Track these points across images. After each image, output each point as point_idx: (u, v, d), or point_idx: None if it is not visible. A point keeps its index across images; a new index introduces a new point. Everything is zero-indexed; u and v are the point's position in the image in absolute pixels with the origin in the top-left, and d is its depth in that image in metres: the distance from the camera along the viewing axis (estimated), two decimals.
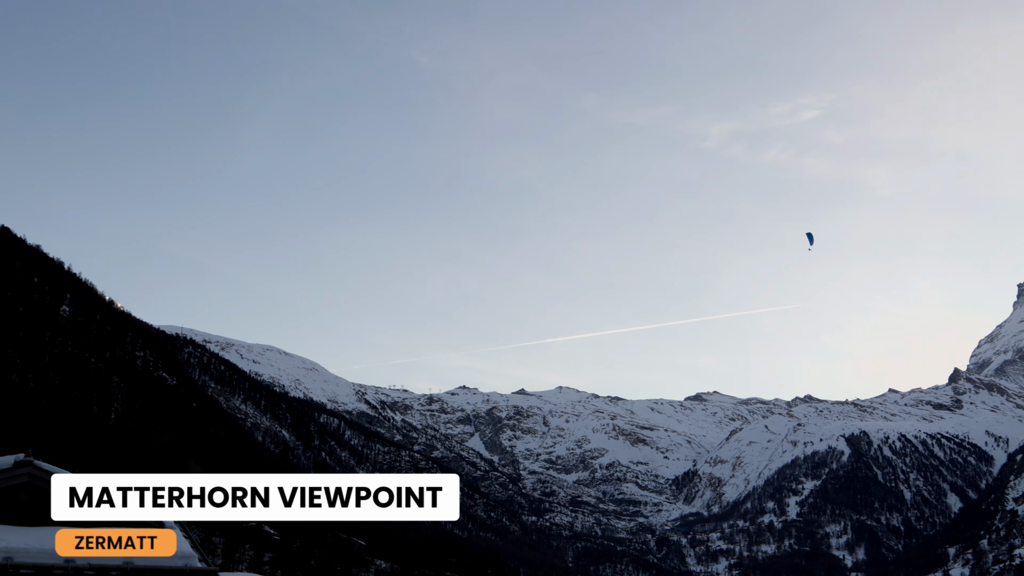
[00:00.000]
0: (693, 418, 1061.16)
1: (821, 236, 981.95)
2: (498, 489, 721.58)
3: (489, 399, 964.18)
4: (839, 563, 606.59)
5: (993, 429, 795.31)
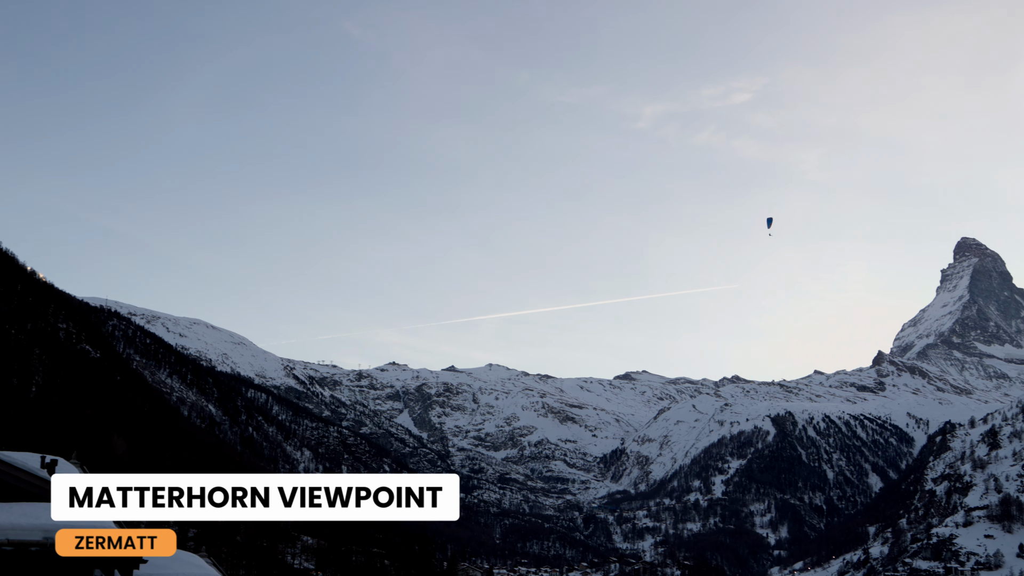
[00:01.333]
0: (622, 397, 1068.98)
1: (751, 219, 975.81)
2: (427, 466, 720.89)
3: (419, 376, 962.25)
4: (763, 541, 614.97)
5: (914, 411, 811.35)
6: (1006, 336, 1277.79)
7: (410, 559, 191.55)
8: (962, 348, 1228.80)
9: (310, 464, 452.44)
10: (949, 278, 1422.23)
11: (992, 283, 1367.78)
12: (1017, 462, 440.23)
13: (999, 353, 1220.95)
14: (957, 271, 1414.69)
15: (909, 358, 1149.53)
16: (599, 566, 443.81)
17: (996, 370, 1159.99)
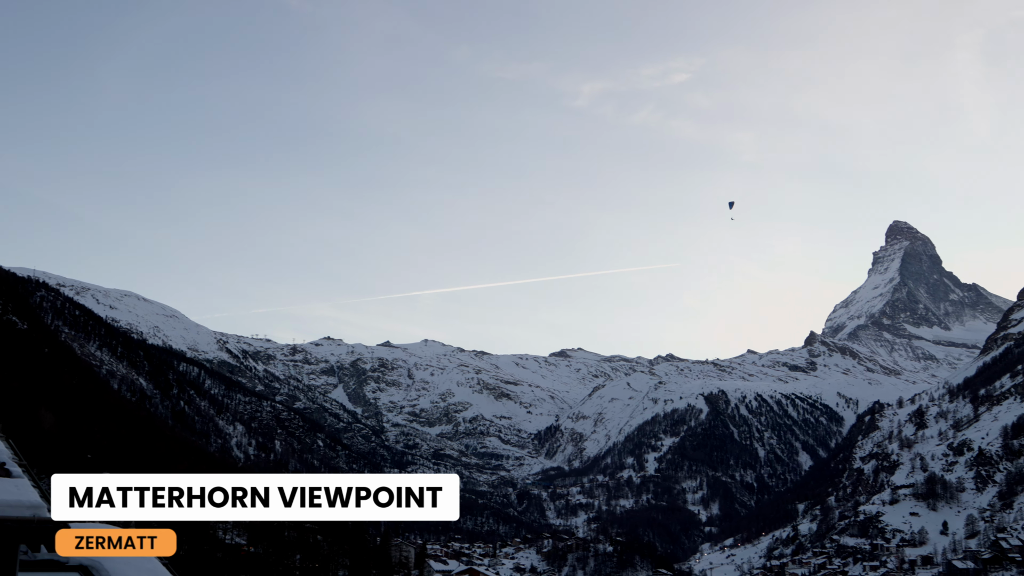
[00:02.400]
0: (557, 374, 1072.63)
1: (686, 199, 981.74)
2: (361, 441, 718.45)
3: (354, 351, 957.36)
4: (694, 517, 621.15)
5: (844, 391, 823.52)
6: (935, 318, 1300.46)
7: (343, 535, 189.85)
8: (892, 330, 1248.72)
9: (242, 439, 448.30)
10: (881, 261, 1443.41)
11: (922, 266, 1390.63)
12: (943, 442, 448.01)
13: (928, 335, 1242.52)
14: (889, 254, 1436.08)
15: (840, 339, 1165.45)
16: (532, 542, 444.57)
17: (924, 352, 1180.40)
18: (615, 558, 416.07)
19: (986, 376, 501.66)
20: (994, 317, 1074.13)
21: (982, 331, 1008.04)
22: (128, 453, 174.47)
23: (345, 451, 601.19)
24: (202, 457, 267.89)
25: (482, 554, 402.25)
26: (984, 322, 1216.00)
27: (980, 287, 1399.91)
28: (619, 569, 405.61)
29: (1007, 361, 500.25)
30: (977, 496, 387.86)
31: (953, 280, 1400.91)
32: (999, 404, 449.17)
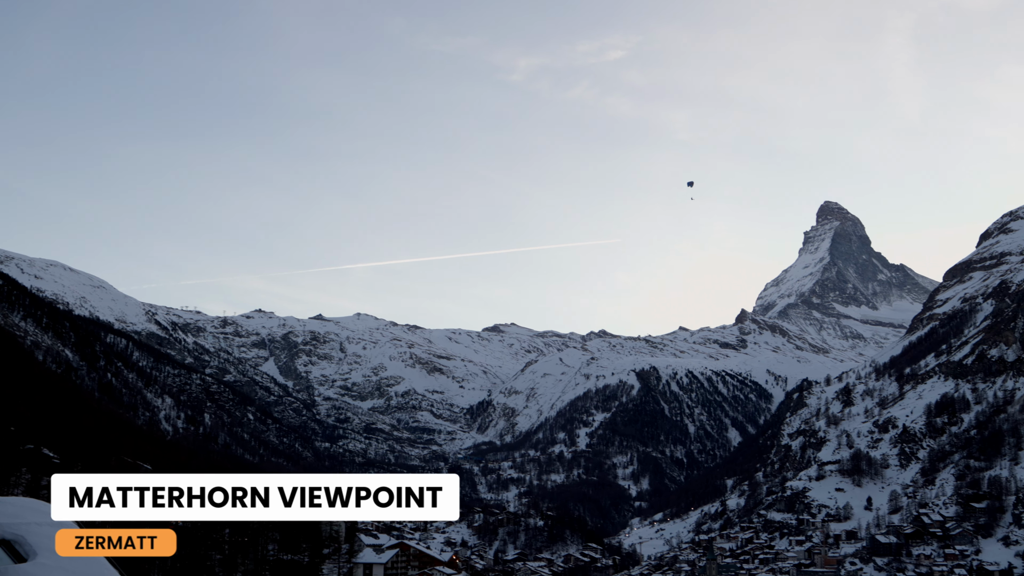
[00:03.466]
0: (490, 349, 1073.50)
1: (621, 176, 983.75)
2: (292, 415, 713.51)
3: (285, 323, 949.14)
4: (625, 492, 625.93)
5: (774, 368, 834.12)
6: (863, 298, 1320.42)
7: None
8: (821, 308, 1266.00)
9: (171, 412, 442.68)
10: (811, 240, 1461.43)
11: (852, 246, 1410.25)
12: (868, 419, 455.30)
13: (856, 314, 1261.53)
14: (819, 233, 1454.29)
15: (771, 317, 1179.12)
16: (463, 516, 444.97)
17: (852, 330, 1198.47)
18: (546, 532, 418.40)
19: (911, 355, 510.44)
20: (920, 297, 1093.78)
21: (908, 311, 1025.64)
22: (53, 425, 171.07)
23: (276, 425, 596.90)
24: (129, 430, 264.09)
25: (413, 528, 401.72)
26: (911, 302, 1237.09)
27: (907, 268, 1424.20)
28: (549, 543, 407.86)
29: (932, 341, 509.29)
30: (901, 472, 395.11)
31: (881, 260, 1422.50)
32: (923, 383, 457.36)
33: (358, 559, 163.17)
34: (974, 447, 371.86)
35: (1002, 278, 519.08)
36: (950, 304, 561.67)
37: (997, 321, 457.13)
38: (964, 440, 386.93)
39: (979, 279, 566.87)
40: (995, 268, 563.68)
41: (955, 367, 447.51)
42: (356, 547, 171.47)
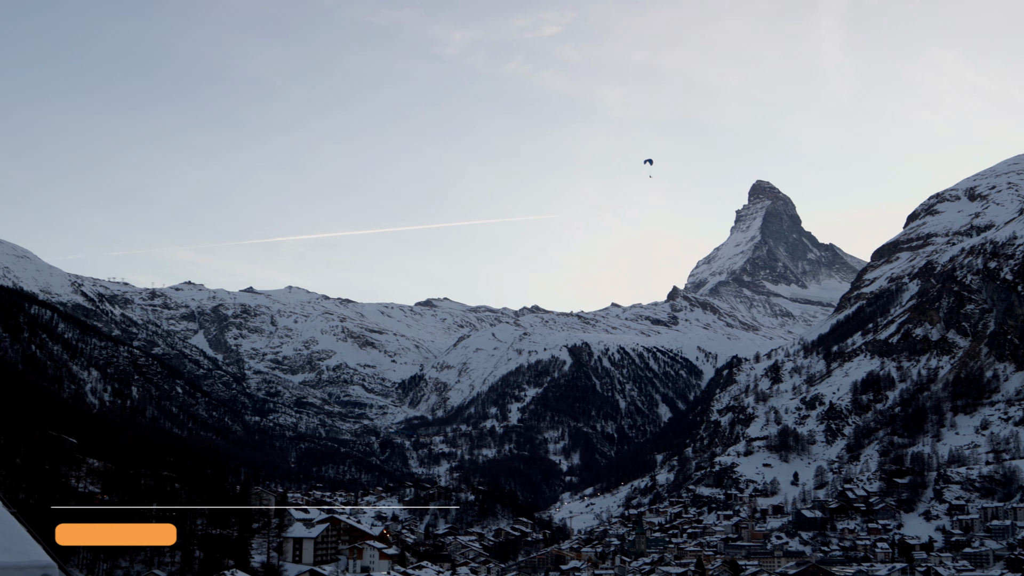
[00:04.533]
0: (422, 323, 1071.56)
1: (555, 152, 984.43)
2: (221, 388, 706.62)
3: (215, 296, 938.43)
4: (556, 467, 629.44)
5: (704, 345, 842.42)
6: (792, 276, 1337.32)
7: (202, 482, 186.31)
8: (752, 286, 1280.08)
9: (97, 385, 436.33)
10: (743, 219, 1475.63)
11: (782, 225, 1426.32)
12: (796, 396, 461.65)
13: (785, 292, 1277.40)
14: (751, 212, 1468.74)
15: (702, 294, 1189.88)
16: (394, 490, 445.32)
17: (782, 308, 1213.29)
18: (476, 507, 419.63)
19: (839, 333, 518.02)
20: (848, 277, 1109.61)
21: (837, 290, 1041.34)
22: None
23: (205, 398, 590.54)
24: (54, 403, 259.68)
25: (344, 503, 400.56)
26: (839, 281, 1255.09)
27: (836, 247, 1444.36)
28: (480, 518, 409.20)
29: (859, 319, 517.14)
30: (827, 448, 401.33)
31: (811, 240, 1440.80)
32: (850, 360, 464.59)
33: (288, 534, 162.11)
34: (898, 424, 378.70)
35: (928, 259, 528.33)
36: (877, 284, 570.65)
37: (922, 301, 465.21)
38: (888, 417, 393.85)
39: (906, 259, 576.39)
40: (921, 249, 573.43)
41: (881, 346, 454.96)
42: (286, 522, 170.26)
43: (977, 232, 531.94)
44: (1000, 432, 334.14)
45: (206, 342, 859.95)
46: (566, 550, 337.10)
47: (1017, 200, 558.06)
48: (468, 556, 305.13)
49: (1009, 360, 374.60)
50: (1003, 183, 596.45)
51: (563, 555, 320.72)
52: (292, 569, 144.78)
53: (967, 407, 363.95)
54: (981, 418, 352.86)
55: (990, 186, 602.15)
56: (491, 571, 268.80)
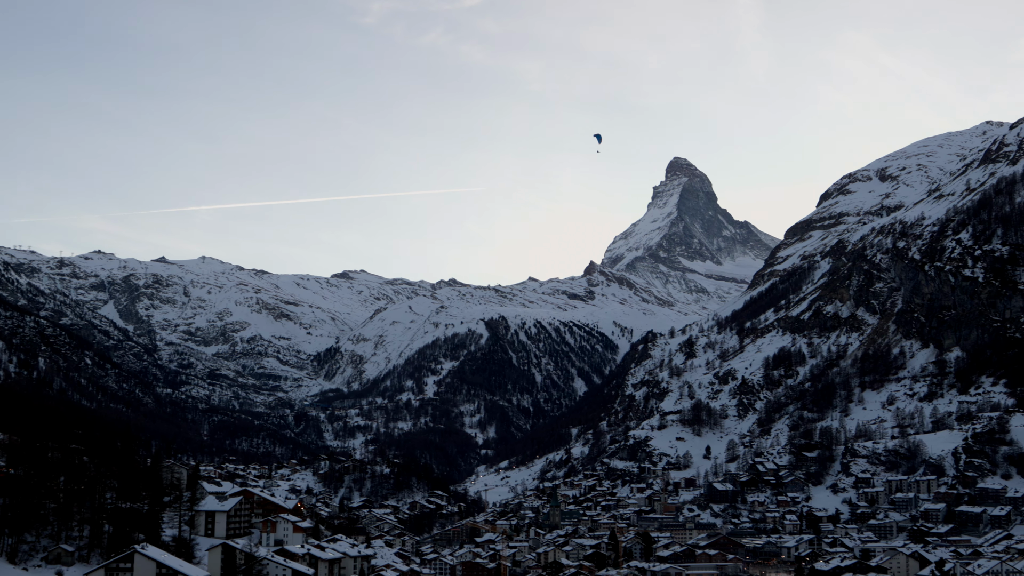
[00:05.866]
0: (339, 295, 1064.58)
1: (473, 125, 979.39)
2: (132, 360, 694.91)
3: (126, 266, 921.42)
4: (471, 440, 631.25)
5: (620, 320, 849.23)
6: (708, 253, 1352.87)
7: (111, 455, 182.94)
8: (668, 262, 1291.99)
9: (2, 355, 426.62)
10: (660, 195, 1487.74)
11: (699, 202, 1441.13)
12: (709, 371, 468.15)
13: (700, 269, 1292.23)
14: (668, 189, 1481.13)
15: (619, 269, 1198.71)
16: (309, 463, 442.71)
17: (697, 284, 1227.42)
18: (392, 480, 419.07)
19: (752, 310, 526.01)
20: (762, 254, 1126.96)
21: (751, 267, 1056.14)
22: None
23: (115, 370, 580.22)
24: None
25: (257, 475, 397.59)
26: (753, 258, 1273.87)
27: (751, 225, 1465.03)
28: (395, 491, 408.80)
29: (772, 296, 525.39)
30: (739, 423, 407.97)
31: (727, 217, 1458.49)
32: (763, 336, 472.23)
33: (200, 507, 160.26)
34: (808, 399, 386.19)
35: (839, 237, 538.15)
36: (790, 261, 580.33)
37: (833, 279, 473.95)
38: (799, 392, 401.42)
39: (818, 238, 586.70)
40: (833, 228, 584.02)
41: (793, 322, 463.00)
42: (198, 495, 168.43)
43: (887, 212, 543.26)
44: (905, 407, 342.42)
45: (116, 313, 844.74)
46: (481, 523, 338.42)
47: (926, 182, 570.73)
48: (383, 529, 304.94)
49: (915, 337, 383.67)
50: (913, 165, 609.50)
51: (478, 527, 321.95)
52: (204, 543, 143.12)
53: (874, 383, 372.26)
54: (888, 394, 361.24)
55: (900, 167, 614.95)
56: (406, 544, 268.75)
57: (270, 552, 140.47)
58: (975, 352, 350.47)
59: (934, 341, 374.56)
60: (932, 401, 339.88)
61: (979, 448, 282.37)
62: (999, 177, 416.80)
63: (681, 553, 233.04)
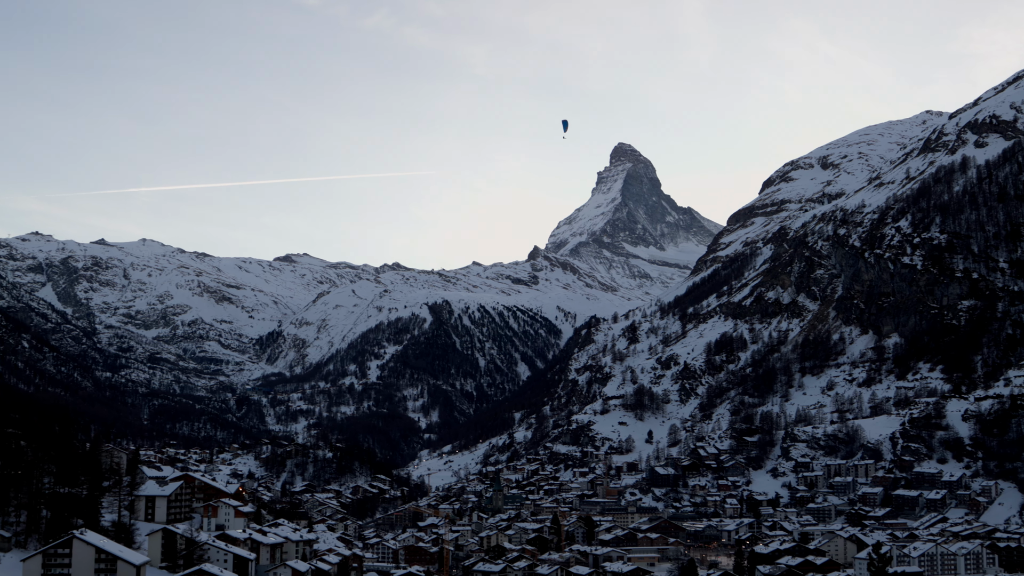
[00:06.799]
0: (281, 279, 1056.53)
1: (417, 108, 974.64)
2: (70, 343, 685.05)
3: (65, 248, 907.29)
4: (415, 425, 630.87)
5: (564, 305, 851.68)
6: (651, 239, 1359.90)
7: (49, 440, 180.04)
8: (611, 248, 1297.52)
9: None
10: (604, 180, 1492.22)
11: (643, 188, 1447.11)
12: (652, 356, 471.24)
13: (644, 254, 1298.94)
14: (612, 174, 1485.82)
15: (563, 254, 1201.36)
16: (251, 448, 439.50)
17: (640, 270, 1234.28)
18: (334, 464, 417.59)
19: (695, 295, 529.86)
20: (705, 240, 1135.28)
21: (694, 252, 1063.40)
22: None
23: (53, 353, 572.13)
24: None
25: (198, 460, 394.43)
26: (696, 244, 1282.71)
27: (694, 211, 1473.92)
28: (338, 475, 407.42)
29: (714, 282, 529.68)
30: (680, 407, 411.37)
31: (670, 203, 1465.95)
32: (705, 322, 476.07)
33: (140, 492, 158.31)
34: (749, 384, 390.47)
35: (781, 224, 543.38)
36: (732, 248, 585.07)
37: (775, 265, 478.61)
38: (740, 377, 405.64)
39: (760, 224, 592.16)
40: (776, 214, 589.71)
41: (735, 308, 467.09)
42: (138, 480, 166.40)
43: (828, 199, 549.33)
44: (845, 393, 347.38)
45: (55, 295, 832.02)
46: (424, 507, 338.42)
47: (867, 170, 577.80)
48: (325, 513, 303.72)
49: (855, 324, 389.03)
50: (854, 153, 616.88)
51: (421, 512, 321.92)
52: (144, 528, 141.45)
53: (814, 368, 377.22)
54: (827, 379, 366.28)
55: (842, 155, 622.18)
56: (349, 528, 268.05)
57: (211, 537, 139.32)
58: (913, 338, 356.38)
59: (873, 327, 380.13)
60: (871, 387, 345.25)
61: (916, 433, 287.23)
62: (938, 166, 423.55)
63: (623, 537, 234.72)
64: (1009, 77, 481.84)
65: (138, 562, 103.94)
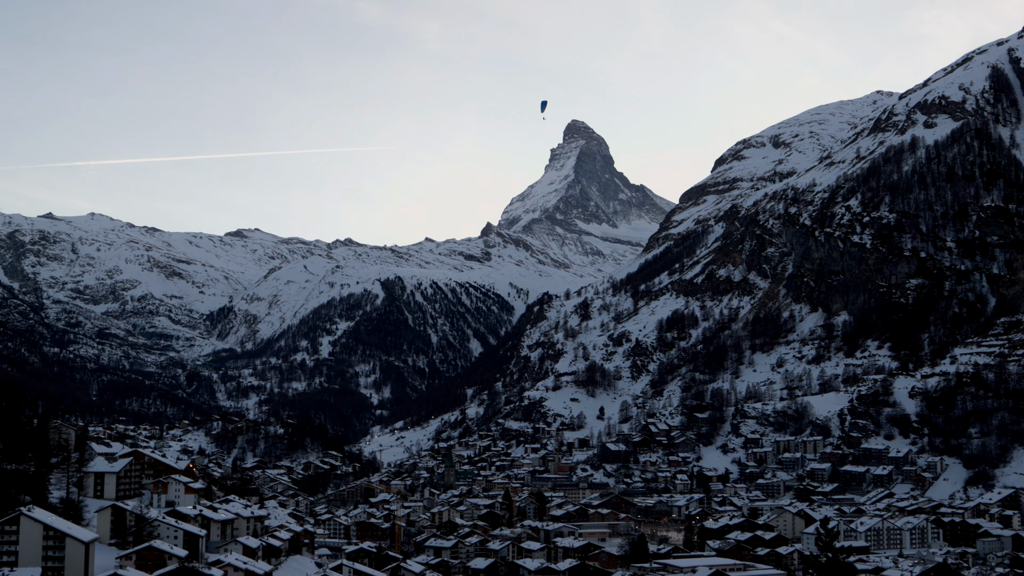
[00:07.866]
0: (232, 254, 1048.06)
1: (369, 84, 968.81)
2: (17, 318, 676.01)
3: (11, 222, 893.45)
4: (366, 401, 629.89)
5: (516, 281, 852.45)
6: (604, 216, 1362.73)
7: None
8: (564, 225, 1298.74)
9: None
10: (557, 157, 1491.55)
11: (596, 165, 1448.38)
12: (604, 332, 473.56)
13: (597, 231, 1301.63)
14: (565, 151, 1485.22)
15: (515, 231, 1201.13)
16: (201, 424, 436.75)
17: (593, 247, 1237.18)
18: (286, 440, 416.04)
19: (647, 272, 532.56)
20: (657, 218, 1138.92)
21: (646, 230, 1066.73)
22: None
23: (0, 328, 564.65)
24: None
25: (148, 436, 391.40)
26: (648, 222, 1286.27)
27: (647, 188, 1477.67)
28: (289, 451, 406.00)
29: (667, 259, 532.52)
30: (632, 384, 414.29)
31: (623, 180, 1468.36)
32: (657, 299, 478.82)
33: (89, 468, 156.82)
34: (700, 361, 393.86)
35: (733, 202, 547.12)
36: (685, 225, 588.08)
37: (727, 243, 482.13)
38: (691, 354, 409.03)
39: (712, 202, 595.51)
40: (727, 193, 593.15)
41: (686, 285, 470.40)
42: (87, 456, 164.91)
43: (780, 178, 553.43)
44: (794, 370, 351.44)
45: (1, 270, 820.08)
46: (376, 483, 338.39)
47: (818, 149, 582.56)
48: (277, 489, 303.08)
49: (805, 302, 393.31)
50: (805, 132, 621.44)
51: (372, 488, 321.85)
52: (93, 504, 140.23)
53: (764, 346, 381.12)
54: (777, 356, 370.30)
55: (793, 134, 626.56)
56: (300, 504, 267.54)
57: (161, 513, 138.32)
58: (862, 316, 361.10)
59: (823, 305, 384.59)
60: (820, 364, 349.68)
61: (864, 410, 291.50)
62: (888, 146, 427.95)
63: (574, 512, 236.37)
64: (958, 59, 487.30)
65: (87, 539, 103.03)
